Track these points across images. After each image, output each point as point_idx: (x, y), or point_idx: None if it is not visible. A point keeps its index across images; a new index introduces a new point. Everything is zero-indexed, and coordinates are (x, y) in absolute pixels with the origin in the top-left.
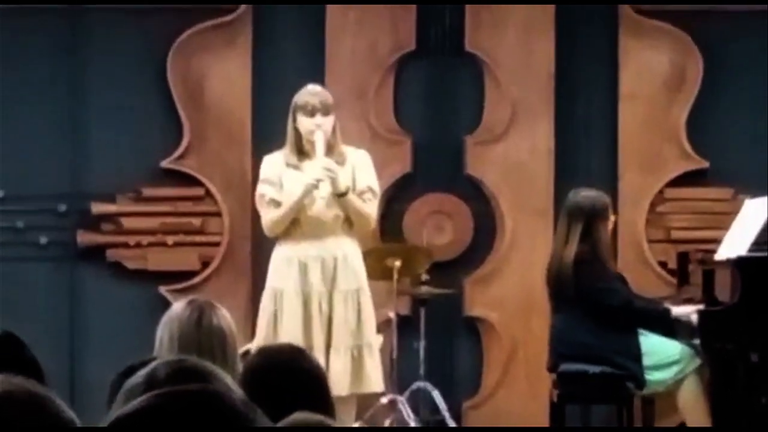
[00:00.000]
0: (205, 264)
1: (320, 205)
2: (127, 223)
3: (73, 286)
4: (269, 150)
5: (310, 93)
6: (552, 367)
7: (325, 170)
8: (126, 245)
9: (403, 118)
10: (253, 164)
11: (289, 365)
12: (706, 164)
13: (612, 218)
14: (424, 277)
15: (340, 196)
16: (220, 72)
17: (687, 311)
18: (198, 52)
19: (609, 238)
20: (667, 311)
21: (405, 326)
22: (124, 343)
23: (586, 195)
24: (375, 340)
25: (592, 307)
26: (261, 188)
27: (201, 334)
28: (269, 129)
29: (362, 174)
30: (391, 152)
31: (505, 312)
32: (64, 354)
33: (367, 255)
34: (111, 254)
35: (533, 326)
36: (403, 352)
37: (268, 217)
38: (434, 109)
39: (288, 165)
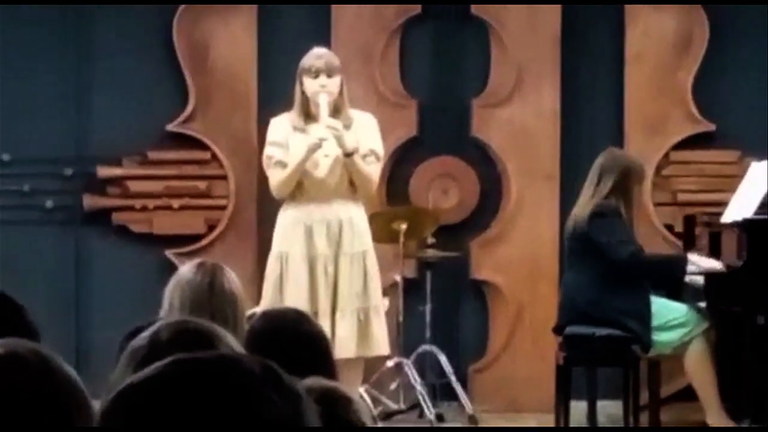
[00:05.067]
0: (211, 227)
1: (324, 168)
2: (133, 186)
3: (78, 250)
4: (275, 113)
5: (315, 56)
6: (559, 328)
7: (329, 128)
8: (132, 209)
9: (409, 82)
10: (258, 127)
11: (292, 329)
12: (712, 127)
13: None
14: (430, 240)
15: (346, 156)
16: (225, 35)
17: (710, 264)
18: (203, 15)
19: (638, 202)
20: (681, 260)
21: (411, 289)
22: (129, 306)
23: (622, 153)
24: (381, 303)
25: (602, 262)
26: (268, 150)
27: (213, 298)
28: (274, 92)
29: (367, 137)
30: (397, 115)
31: (511, 275)
32: (70, 317)
33: (373, 218)
34: (117, 218)
35: (539, 289)
36: (409, 316)
37: (275, 178)
38: (440, 72)
39: (295, 128)
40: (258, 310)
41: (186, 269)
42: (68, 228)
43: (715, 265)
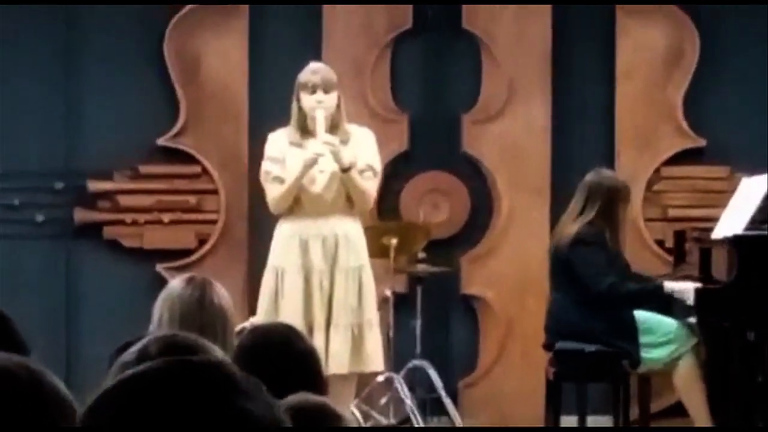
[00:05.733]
0: (202, 242)
1: (321, 184)
2: (124, 200)
3: (69, 264)
4: (266, 127)
5: (312, 71)
6: (548, 345)
7: (326, 144)
8: (122, 223)
9: (399, 96)
10: (249, 141)
11: (281, 344)
12: (702, 142)
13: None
14: (421, 255)
15: (343, 171)
16: (217, 49)
17: (686, 286)
18: (195, 29)
19: (626, 220)
20: (658, 288)
21: (401, 304)
22: (120, 320)
23: (608, 175)
24: (376, 318)
25: (583, 289)
26: (265, 166)
27: (203, 313)
28: (266, 106)
29: (364, 152)
30: (388, 130)
31: (502, 290)
32: (60, 331)
33: (363, 233)
34: (107, 232)
35: (529, 304)
36: (399, 330)
37: (273, 194)
38: (431, 87)
39: (291, 143)
40: (248, 324)
41: (176, 283)
42: (59, 242)
43: (691, 288)
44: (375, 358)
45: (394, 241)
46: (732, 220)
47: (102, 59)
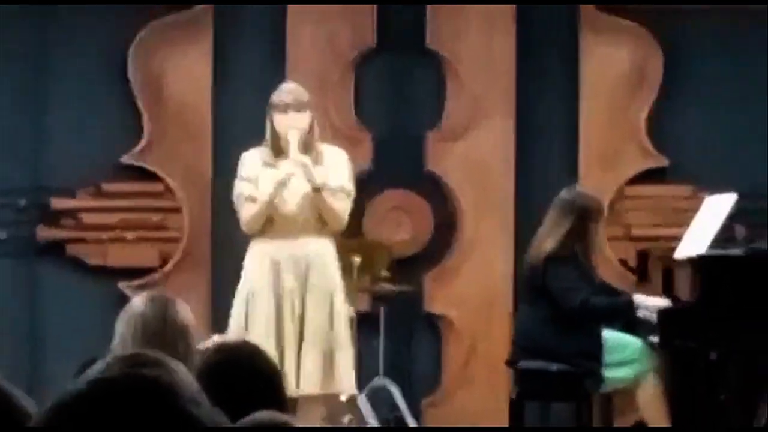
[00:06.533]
0: (165, 260)
1: (293, 204)
2: (87, 218)
3: (32, 282)
4: (229, 145)
5: (284, 91)
6: (512, 361)
7: (298, 164)
8: (85, 241)
9: (363, 115)
10: (213, 159)
11: (245, 364)
12: (666, 162)
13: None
14: (384, 273)
15: (315, 191)
16: (180, 67)
17: (656, 303)
18: (159, 46)
19: (598, 242)
20: (629, 303)
21: (364, 323)
22: (83, 338)
23: (581, 193)
24: (348, 340)
25: (555, 306)
26: (238, 186)
27: (165, 330)
28: (229, 124)
29: (336, 172)
30: (351, 148)
31: (465, 309)
32: (23, 349)
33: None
34: (71, 250)
35: (493, 323)
36: (362, 350)
37: (245, 214)
38: (395, 105)
39: (265, 163)
40: (211, 343)
41: (137, 301)
42: (22, 260)
43: (661, 303)
44: (347, 380)
45: (357, 260)
46: (695, 240)
47: (66, 77)
